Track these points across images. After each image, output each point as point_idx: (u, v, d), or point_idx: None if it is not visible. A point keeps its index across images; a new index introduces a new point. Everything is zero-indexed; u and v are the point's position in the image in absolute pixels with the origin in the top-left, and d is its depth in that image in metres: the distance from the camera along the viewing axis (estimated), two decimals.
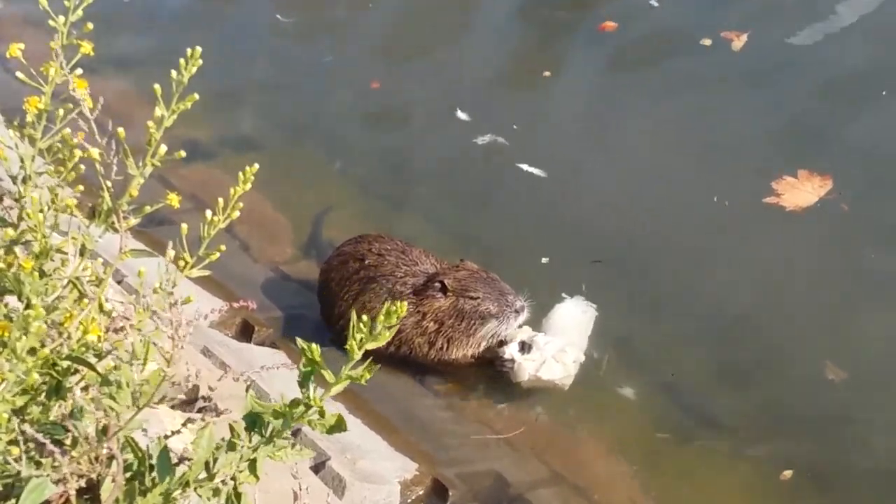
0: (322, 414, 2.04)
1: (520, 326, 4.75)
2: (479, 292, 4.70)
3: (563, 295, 4.92)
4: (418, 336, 4.73)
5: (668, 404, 4.58)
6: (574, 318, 4.80)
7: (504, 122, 6.04)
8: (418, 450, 4.33)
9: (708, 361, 4.74)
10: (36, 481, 1.89)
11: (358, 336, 1.97)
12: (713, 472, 4.33)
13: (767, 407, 4.54)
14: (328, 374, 2.02)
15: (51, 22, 2.15)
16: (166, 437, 2.10)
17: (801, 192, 5.45)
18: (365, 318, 2.01)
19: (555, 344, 4.64)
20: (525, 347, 4.66)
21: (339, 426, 2.06)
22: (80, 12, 2.16)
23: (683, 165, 5.73)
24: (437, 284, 4.71)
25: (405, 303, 2.01)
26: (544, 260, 5.25)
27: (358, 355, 2.01)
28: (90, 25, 2.16)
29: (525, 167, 5.76)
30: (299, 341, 2.09)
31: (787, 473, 4.25)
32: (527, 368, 4.59)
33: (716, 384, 4.65)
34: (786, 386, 4.61)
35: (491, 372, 4.72)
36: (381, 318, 1.97)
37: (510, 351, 4.65)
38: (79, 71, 2.17)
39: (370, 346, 2.00)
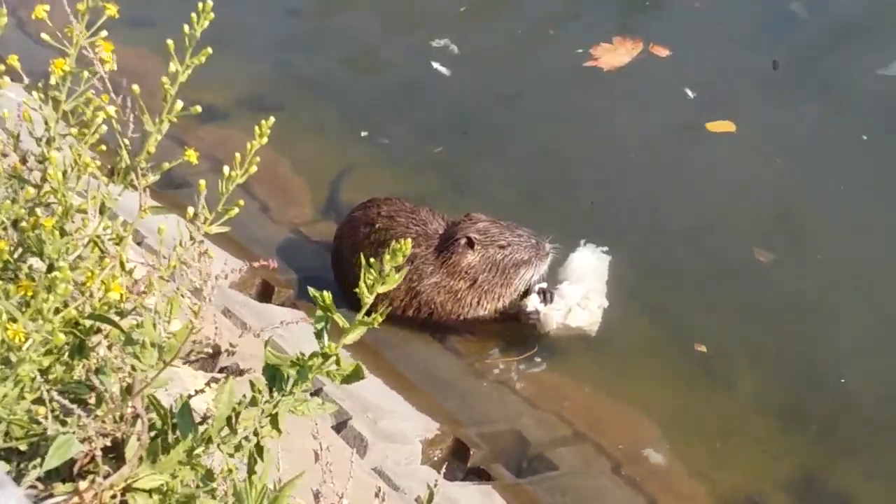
0: (339, 363, 2.02)
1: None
2: (507, 240, 4.64)
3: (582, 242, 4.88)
4: (440, 295, 4.69)
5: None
6: (591, 265, 4.76)
7: None
8: (440, 410, 4.34)
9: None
10: (62, 438, 1.90)
11: (369, 279, 1.96)
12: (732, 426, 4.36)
13: None
14: (340, 319, 2.01)
15: None
16: (190, 396, 2.10)
17: (615, 54, 6.05)
18: (373, 261, 2.00)
19: (578, 291, 4.63)
20: (546, 296, 4.65)
21: (356, 374, 2.04)
22: None
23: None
24: (463, 240, 4.64)
25: (409, 240, 1.99)
26: (363, 133, 5.69)
27: (370, 299, 1.99)
28: None
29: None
30: (311, 290, 2.07)
31: None
32: (553, 317, 4.59)
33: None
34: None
35: (512, 329, 4.72)
36: (388, 257, 1.96)
37: (532, 303, 4.64)
38: (103, 33, 2.15)
39: (381, 289, 1.98)
